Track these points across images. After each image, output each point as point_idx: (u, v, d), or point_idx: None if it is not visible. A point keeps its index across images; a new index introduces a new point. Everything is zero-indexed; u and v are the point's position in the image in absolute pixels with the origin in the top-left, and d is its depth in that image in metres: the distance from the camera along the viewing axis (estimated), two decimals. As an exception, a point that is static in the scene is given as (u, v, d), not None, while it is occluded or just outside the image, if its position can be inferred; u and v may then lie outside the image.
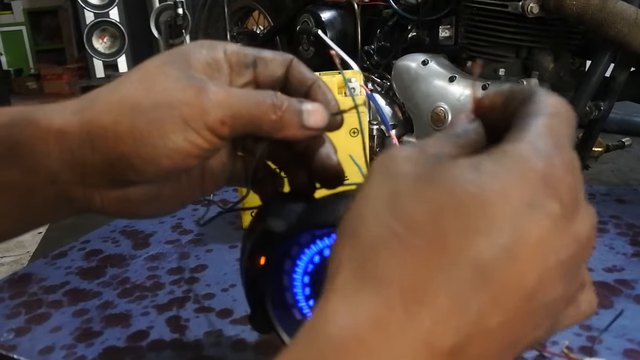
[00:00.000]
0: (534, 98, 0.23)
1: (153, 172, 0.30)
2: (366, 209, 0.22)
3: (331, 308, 0.20)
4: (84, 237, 0.71)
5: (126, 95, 0.30)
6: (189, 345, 0.48)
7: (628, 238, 0.63)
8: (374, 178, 0.23)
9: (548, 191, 0.20)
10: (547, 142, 0.21)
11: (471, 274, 0.19)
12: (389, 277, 0.20)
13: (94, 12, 3.60)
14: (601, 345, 0.45)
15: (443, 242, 0.19)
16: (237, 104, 0.30)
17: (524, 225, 0.19)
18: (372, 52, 1.44)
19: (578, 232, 0.21)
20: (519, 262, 0.19)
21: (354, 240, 0.21)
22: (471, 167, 0.20)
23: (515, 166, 0.20)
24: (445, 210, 0.20)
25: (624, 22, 0.94)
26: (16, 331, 0.52)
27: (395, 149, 0.23)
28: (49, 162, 0.30)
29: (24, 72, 4.75)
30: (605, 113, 1.17)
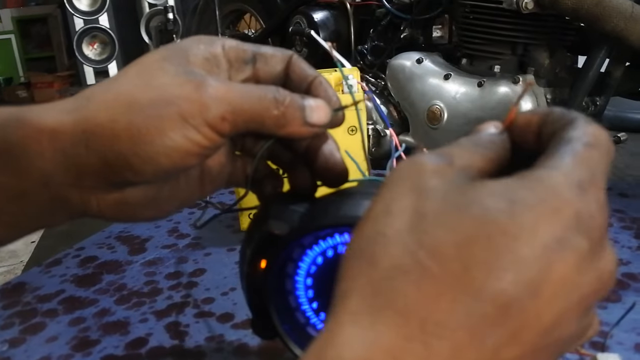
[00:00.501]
0: (574, 124, 0.23)
1: (151, 172, 0.29)
2: (388, 228, 0.21)
3: (345, 335, 0.19)
4: (78, 244, 0.70)
5: (123, 91, 0.29)
6: (189, 352, 0.47)
7: (632, 231, 0.62)
8: (398, 189, 0.22)
9: (579, 228, 0.20)
10: (583, 175, 0.20)
11: (492, 310, 0.19)
12: (409, 308, 0.19)
13: (83, 18, 3.58)
14: (612, 340, 0.45)
15: (467, 276, 0.19)
16: (238, 99, 0.29)
17: (551, 262, 0.19)
18: (365, 52, 1.44)
19: (602, 270, 0.21)
20: (541, 300, 0.19)
21: (371, 262, 0.20)
22: (504, 196, 0.20)
23: (549, 198, 0.20)
24: (474, 243, 0.19)
25: (620, 16, 0.94)
26: (10, 342, 0.50)
27: (422, 158, 0.22)
28: (42, 164, 0.28)
29: (14, 81, 4.72)
30: (601, 108, 1.17)
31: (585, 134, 0.22)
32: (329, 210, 0.31)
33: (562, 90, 1.15)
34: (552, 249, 0.19)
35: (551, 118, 0.24)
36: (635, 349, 0.43)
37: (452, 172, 0.21)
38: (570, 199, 0.20)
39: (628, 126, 2.21)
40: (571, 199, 0.20)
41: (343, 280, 0.21)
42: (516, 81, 1.10)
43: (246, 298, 0.34)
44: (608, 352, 0.43)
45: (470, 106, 1.15)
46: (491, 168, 0.23)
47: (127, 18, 3.66)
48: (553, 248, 0.19)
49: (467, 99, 1.16)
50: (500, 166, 0.24)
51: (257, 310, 0.34)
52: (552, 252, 0.19)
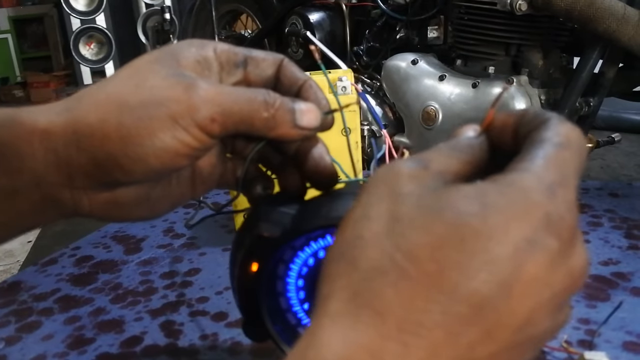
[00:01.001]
0: (547, 125, 0.23)
1: (141, 172, 0.29)
2: (366, 231, 0.21)
3: (325, 335, 0.20)
4: (74, 244, 0.70)
5: (113, 92, 0.29)
6: (183, 350, 0.47)
7: (622, 231, 0.63)
8: (375, 195, 0.22)
9: (549, 228, 0.20)
10: (553, 177, 0.21)
11: (467, 309, 0.19)
12: (386, 308, 0.20)
13: (80, 18, 3.58)
14: (600, 338, 0.45)
15: (442, 276, 0.20)
16: (228, 100, 0.29)
17: (522, 262, 0.20)
18: (361, 53, 1.44)
19: (572, 267, 0.21)
20: (514, 298, 0.20)
21: (351, 264, 0.21)
22: (476, 200, 0.20)
23: (520, 200, 0.20)
24: (447, 244, 0.20)
25: (612, 17, 0.94)
26: (6, 340, 0.50)
27: (399, 164, 0.23)
28: (34, 164, 0.29)
29: (10, 81, 4.71)
30: (595, 109, 1.17)
31: (557, 134, 0.23)
32: (320, 212, 0.31)
33: (556, 90, 1.16)
34: (523, 249, 0.20)
35: (526, 119, 0.24)
36: (623, 347, 0.44)
37: (427, 176, 0.22)
38: (540, 201, 0.20)
39: (622, 126, 2.22)
40: (541, 201, 0.20)
41: (324, 283, 0.22)
42: (510, 82, 1.11)
43: (237, 301, 0.34)
44: (596, 350, 0.44)
45: (465, 107, 1.16)
46: (468, 171, 0.24)
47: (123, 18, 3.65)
48: (524, 248, 0.20)
49: (462, 99, 1.16)
50: (479, 168, 0.24)
51: (248, 312, 0.34)
52: (523, 252, 0.20)
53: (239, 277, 0.33)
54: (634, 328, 0.46)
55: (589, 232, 0.63)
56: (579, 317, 0.48)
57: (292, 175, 0.34)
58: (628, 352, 0.43)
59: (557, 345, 0.43)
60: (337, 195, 0.33)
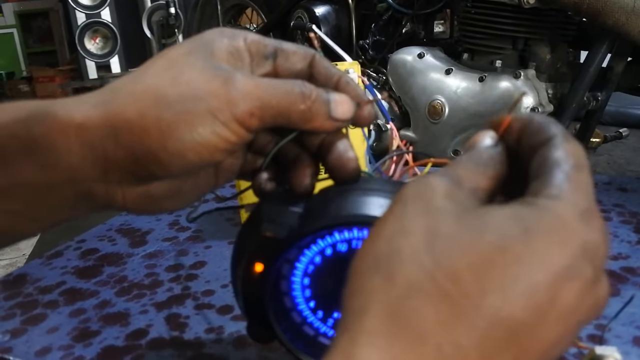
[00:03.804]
0: (555, 143, 0.23)
1: (179, 167, 0.29)
2: (404, 245, 0.21)
3: (363, 355, 0.20)
4: (79, 237, 0.70)
5: (150, 85, 0.28)
6: (189, 343, 0.47)
7: (632, 226, 0.62)
8: (411, 209, 0.22)
9: (586, 257, 0.21)
10: (583, 205, 0.22)
11: (503, 334, 0.20)
12: (425, 329, 0.20)
13: (85, 12, 3.58)
14: (610, 333, 0.45)
15: (482, 299, 0.20)
16: (266, 94, 0.29)
17: (559, 290, 0.20)
18: (367, 47, 1.43)
19: (598, 297, 0.22)
20: (547, 325, 0.20)
21: (388, 280, 0.21)
22: (518, 224, 0.21)
23: (559, 227, 0.21)
24: (491, 268, 0.20)
25: (621, 10, 0.93)
26: (12, 333, 0.50)
27: (432, 179, 0.23)
28: (69, 159, 0.28)
29: (16, 75, 4.72)
30: (602, 104, 1.16)
31: (570, 155, 0.23)
32: (328, 210, 0.30)
33: (563, 85, 1.15)
34: (562, 276, 0.20)
35: (530, 129, 0.24)
36: (633, 342, 0.44)
37: (462, 195, 0.22)
38: (578, 229, 0.21)
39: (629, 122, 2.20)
40: (578, 229, 0.21)
41: (356, 295, 0.21)
42: (517, 76, 1.10)
43: (241, 303, 0.33)
44: (606, 345, 0.43)
45: (472, 101, 1.15)
46: (495, 186, 0.24)
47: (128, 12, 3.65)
48: (563, 275, 0.20)
49: (468, 93, 1.15)
50: (502, 181, 0.24)
51: (253, 314, 0.33)
52: (562, 280, 0.20)
53: (244, 279, 0.32)
54: (645, 323, 0.45)
55: (598, 227, 0.63)
56: (589, 312, 0.48)
57: (305, 170, 0.33)
58: (639, 348, 0.43)
59: (567, 340, 0.43)
60: (344, 190, 0.32)
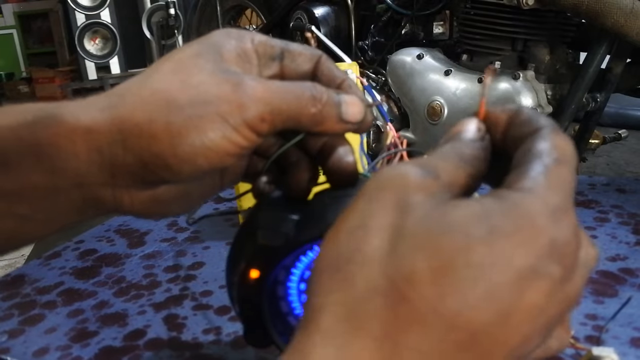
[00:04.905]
0: (542, 135, 0.22)
1: (189, 172, 0.28)
2: (366, 245, 0.20)
3: (317, 355, 0.20)
4: (78, 237, 0.70)
5: (159, 89, 0.28)
6: (187, 344, 0.47)
7: (630, 227, 0.62)
8: (378, 203, 0.21)
9: (553, 256, 0.20)
10: (556, 201, 0.21)
11: (464, 336, 0.19)
12: (383, 331, 0.19)
13: (85, 13, 3.57)
14: (608, 334, 0.45)
15: (441, 303, 0.19)
16: (277, 98, 0.28)
17: (523, 291, 0.19)
18: (366, 48, 1.43)
19: (571, 291, 0.21)
20: (510, 327, 0.19)
21: (347, 281, 0.20)
22: (482, 222, 0.20)
23: (526, 225, 0.20)
24: (450, 271, 0.19)
25: (620, 12, 0.93)
26: (10, 333, 0.50)
27: (407, 170, 0.21)
28: (76, 164, 0.28)
29: (16, 76, 4.71)
30: (601, 105, 1.16)
31: (554, 148, 0.22)
32: (325, 217, 0.30)
33: (563, 86, 1.15)
34: (526, 278, 0.19)
35: (518, 120, 0.24)
36: (631, 343, 0.43)
37: (437, 188, 0.21)
38: (546, 227, 0.20)
39: (628, 123, 2.20)
40: (546, 227, 0.20)
41: (315, 294, 0.21)
42: (516, 77, 1.10)
43: (237, 309, 0.33)
44: (603, 346, 0.43)
45: (471, 102, 1.15)
46: (474, 183, 0.23)
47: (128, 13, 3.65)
48: (527, 277, 0.19)
49: (468, 94, 1.15)
50: (482, 177, 0.24)
51: (250, 320, 0.33)
52: (526, 281, 0.19)
53: (239, 286, 0.32)
54: (642, 324, 0.45)
55: (596, 228, 0.63)
56: (587, 312, 0.47)
57: (303, 174, 0.33)
58: (636, 348, 0.43)
59: (564, 341, 0.43)
60: (342, 195, 0.31)
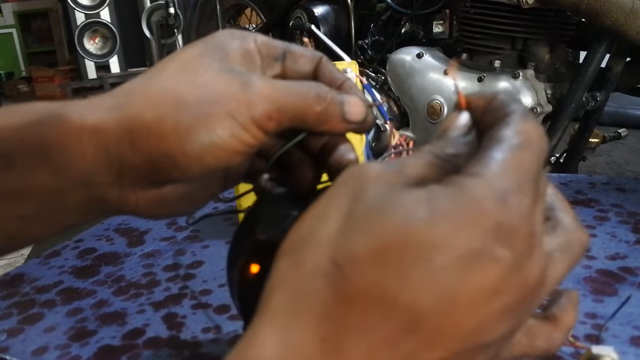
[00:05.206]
0: (507, 121, 0.22)
1: (197, 171, 0.28)
2: (320, 230, 0.21)
3: (265, 334, 0.20)
4: (77, 236, 0.70)
5: (166, 88, 0.28)
6: (186, 343, 0.47)
7: (630, 226, 0.62)
8: (337, 193, 0.22)
9: (499, 238, 0.19)
10: (507, 183, 0.20)
11: (406, 317, 0.19)
12: (325, 310, 0.20)
13: (84, 12, 3.57)
14: (607, 332, 0.45)
15: (381, 284, 0.19)
16: (283, 97, 0.29)
17: (468, 273, 0.19)
18: (366, 47, 1.43)
19: (527, 277, 0.20)
20: (458, 309, 0.19)
21: (297, 263, 0.21)
22: (425, 204, 0.20)
23: (469, 209, 0.19)
24: (390, 251, 0.19)
25: (620, 11, 0.93)
26: (8, 332, 0.50)
27: (369, 166, 0.22)
28: (82, 163, 0.28)
29: (15, 75, 4.72)
30: (601, 104, 1.16)
31: (517, 133, 0.21)
32: None
33: (562, 85, 1.15)
34: (469, 259, 0.19)
35: (492, 106, 0.23)
36: (630, 342, 0.43)
37: (396, 179, 0.21)
38: (491, 210, 0.19)
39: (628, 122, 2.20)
40: (492, 210, 0.19)
41: (272, 277, 0.22)
42: (516, 76, 1.10)
43: (237, 304, 0.33)
44: (603, 344, 0.43)
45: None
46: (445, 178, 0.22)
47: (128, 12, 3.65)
48: (469, 259, 0.19)
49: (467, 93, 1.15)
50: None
51: (249, 315, 0.33)
52: (469, 262, 0.19)
53: (240, 281, 0.32)
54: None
55: (596, 227, 0.63)
56: (586, 311, 0.47)
57: (306, 172, 0.33)
58: (636, 347, 0.43)
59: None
60: None
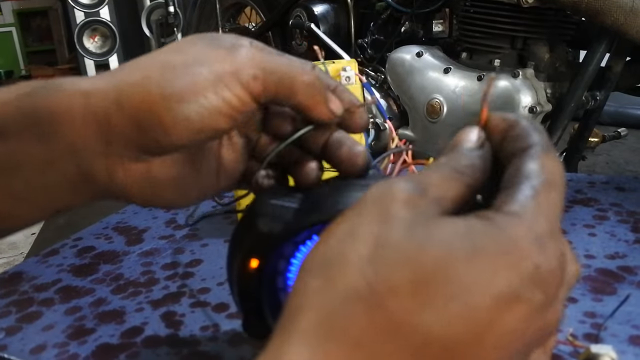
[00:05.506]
0: (531, 154, 0.22)
1: (183, 135, 0.29)
2: (350, 251, 0.21)
3: (293, 355, 0.20)
4: (76, 235, 0.70)
5: (156, 58, 0.30)
6: (184, 341, 0.47)
7: (629, 225, 0.62)
8: (366, 215, 0.22)
9: (536, 282, 0.20)
10: (545, 226, 0.20)
11: (437, 352, 0.19)
12: (358, 337, 0.19)
13: (84, 11, 3.56)
14: (606, 332, 0.45)
15: (417, 315, 0.19)
16: (268, 62, 0.30)
17: (501, 314, 0.19)
18: (365, 46, 1.43)
19: (548, 321, 0.21)
20: (485, 348, 0.19)
21: (329, 282, 0.20)
22: (466, 240, 0.20)
23: (509, 249, 0.20)
24: (430, 283, 0.19)
25: (620, 10, 0.93)
26: (7, 331, 0.50)
27: (396, 185, 0.22)
28: (70, 130, 0.29)
29: (15, 74, 4.71)
30: (601, 103, 1.16)
31: (543, 170, 0.22)
32: (322, 204, 0.30)
33: (562, 84, 1.15)
34: (506, 300, 0.19)
35: (512, 134, 0.24)
36: (629, 341, 0.43)
37: (423, 204, 0.21)
38: (530, 252, 0.20)
39: (628, 122, 2.20)
40: (531, 252, 0.20)
41: (297, 294, 0.21)
42: (516, 75, 1.10)
43: (237, 298, 0.33)
44: (602, 343, 0.43)
45: (470, 100, 1.15)
46: (468, 194, 0.23)
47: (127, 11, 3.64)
48: (506, 299, 0.19)
49: (467, 92, 1.15)
50: (480, 187, 0.24)
51: (249, 311, 0.33)
52: (505, 303, 0.19)
53: (239, 275, 0.32)
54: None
55: (595, 226, 0.63)
56: (585, 310, 0.47)
57: (311, 164, 0.34)
58: (635, 346, 0.43)
59: (563, 338, 0.43)
60: (340, 185, 0.32)
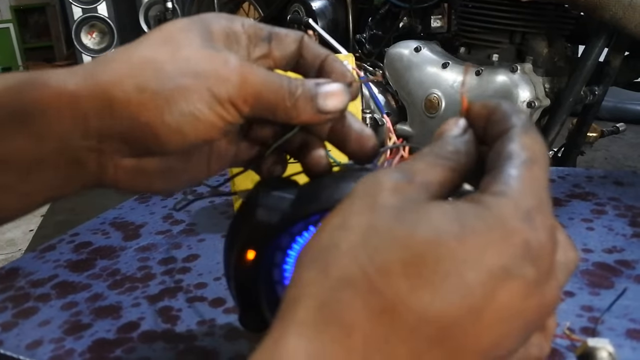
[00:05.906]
0: (512, 135, 0.23)
1: (175, 144, 0.29)
2: (342, 240, 0.21)
3: (290, 345, 0.20)
4: (72, 230, 0.70)
5: (147, 57, 0.29)
6: (181, 336, 0.47)
7: (627, 219, 0.62)
8: (356, 205, 0.22)
9: (527, 257, 0.20)
10: (531, 202, 0.21)
11: (434, 330, 0.19)
12: (352, 321, 0.19)
13: (82, 7, 3.55)
14: (603, 325, 0.44)
15: (413, 295, 0.19)
16: (259, 84, 0.30)
17: (496, 289, 0.19)
18: (364, 41, 1.43)
19: (546, 297, 0.21)
20: (483, 324, 0.19)
21: (322, 272, 0.21)
22: (455, 220, 0.20)
23: (498, 226, 0.20)
24: (421, 262, 0.19)
25: (618, 4, 0.93)
26: (2, 326, 0.50)
27: (383, 175, 0.22)
28: (60, 127, 0.28)
29: (12, 71, 4.70)
30: (599, 98, 1.16)
31: (524, 148, 0.22)
32: (319, 195, 0.30)
33: (561, 79, 1.15)
34: (498, 276, 0.19)
35: (495, 117, 0.24)
36: (626, 335, 0.43)
37: (411, 189, 0.22)
38: (519, 228, 0.20)
39: (626, 117, 2.20)
40: (520, 228, 0.20)
41: (293, 286, 0.22)
42: (514, 70, 1.10)
43: (233, 290, 0.33)
44: (599, 337, 0.43)
45: (468, 95, 1.15)
46: (455, 178, 0.23)
47: (125, 7, 3.63)
48: (499, 275, 0.19)
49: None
50: (466, 172, 0.24)
51: (245, 303, 0.33)
52: (498, 279, 0.19)
53: (236, 267, 0.32)
54: (638, 316, 0.45)
55: (593, 220, 0.63)
56: (582, 304, 0.47)
57: (320, 150, 0.34)
58: (632, 340, 0.43)
59: (560, 332, 0.43)
60: (337, 177, 0.32)
